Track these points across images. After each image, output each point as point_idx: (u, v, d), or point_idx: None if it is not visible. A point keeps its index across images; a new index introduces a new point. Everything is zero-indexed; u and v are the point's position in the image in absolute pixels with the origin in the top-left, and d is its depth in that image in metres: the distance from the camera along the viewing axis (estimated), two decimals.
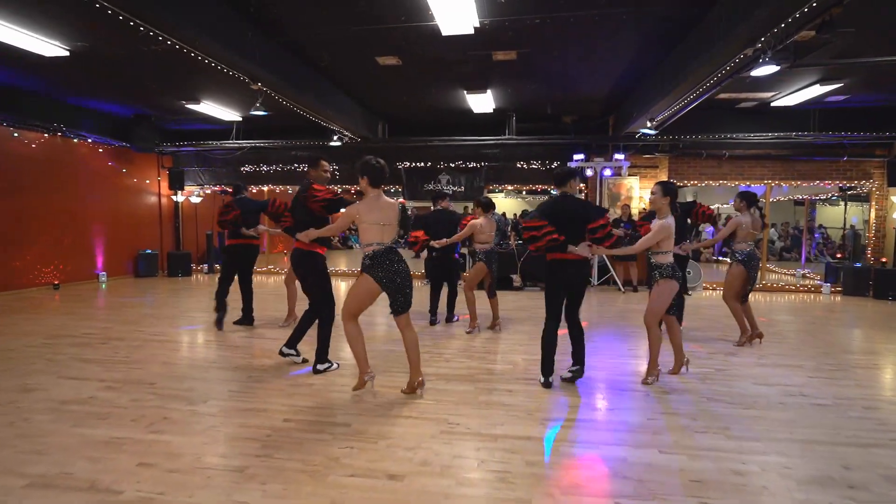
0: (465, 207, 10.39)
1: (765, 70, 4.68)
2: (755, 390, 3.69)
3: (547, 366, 3.68)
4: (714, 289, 9.01)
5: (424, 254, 5.47)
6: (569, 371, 3.77)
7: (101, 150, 9.29)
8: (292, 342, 4.19)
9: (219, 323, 5.40)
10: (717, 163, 8.95)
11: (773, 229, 13.15)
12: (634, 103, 7.53)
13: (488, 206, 5.33)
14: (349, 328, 3.38)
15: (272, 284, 9.28)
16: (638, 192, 9.33)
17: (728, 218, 5.06)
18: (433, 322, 5.77)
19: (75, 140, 8.77)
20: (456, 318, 5.88)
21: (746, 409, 3.33)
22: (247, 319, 5.59)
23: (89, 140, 8.95)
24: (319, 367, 3.99)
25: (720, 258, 13.40)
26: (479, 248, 5.30)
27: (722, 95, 7.28)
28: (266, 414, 3.18)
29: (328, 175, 4.15)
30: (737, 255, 4.86)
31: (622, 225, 7.53)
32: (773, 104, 7.79)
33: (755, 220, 4.89)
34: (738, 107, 8.20)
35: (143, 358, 4.38)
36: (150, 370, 4.04)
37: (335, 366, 4.08)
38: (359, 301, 3.38)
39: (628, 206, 9.01)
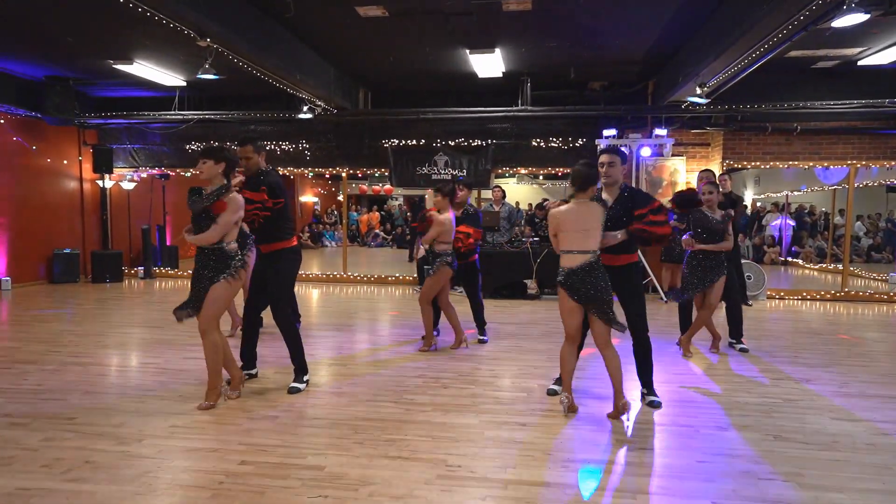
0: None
1: (850, 19, 4.66)
2: (835, 427, 3.69)
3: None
4: (781, 297, 9.04)
5: (420, 253, 5.58)
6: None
7: (2, 122, 9.26)
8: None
9: None
10: (786, 139, 8.96)
11: (858, 223, 13.19)
12: (681, 65, 7.54)
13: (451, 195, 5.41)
14: None
15: None
16: (684, 176, 9.34)
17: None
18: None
19: None
20: (486, 338, 5.91)
21: (824, 450, 3.33)
22: None
23: None
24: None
25: (789, 259, 13.44)
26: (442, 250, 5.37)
27: (793, 53, 7.30)
28: (218, 455, 3.17)
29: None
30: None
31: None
32: (860, 63, 7.80)
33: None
34: (814, 67, 8.22)
35: (60, 386, 4.36)
36: (68, 401, 4.02)
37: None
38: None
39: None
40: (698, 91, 7.25)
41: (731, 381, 4.62)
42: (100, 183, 10.81)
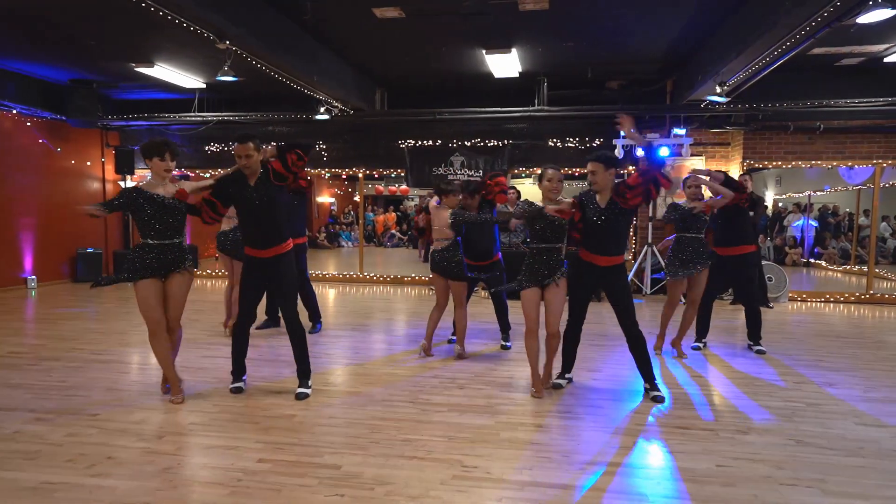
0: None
1: (875, 15, 4.60)
2: (860, 432, 3.62)
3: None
4: (803, 299, 8.88)
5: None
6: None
7: (28, 124, 9.45)
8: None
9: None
10: (809, 138, 8.82)
11: (884, 223, 12.91)
12: (700, 63, 7.46)
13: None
14: None
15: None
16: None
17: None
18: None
19: None
20: (510, 344, 5.72)
21: (848, 456, 3.28)
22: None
23: (13, 111, 9.09)
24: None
25: (812, 261, 13.20)
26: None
27: (816, 50, 7.19)
28: (236, 452, 3.21)
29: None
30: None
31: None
32: (885, 60, 7.67)
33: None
34: (837, 64, 8.09)
35: (83, 383, 4.44)
36: (91, 398, 4.09)
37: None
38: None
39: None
40: (718, 90, 7.17)
41: (752, 385, 4.55)
42: (122, 184, 10.97)
